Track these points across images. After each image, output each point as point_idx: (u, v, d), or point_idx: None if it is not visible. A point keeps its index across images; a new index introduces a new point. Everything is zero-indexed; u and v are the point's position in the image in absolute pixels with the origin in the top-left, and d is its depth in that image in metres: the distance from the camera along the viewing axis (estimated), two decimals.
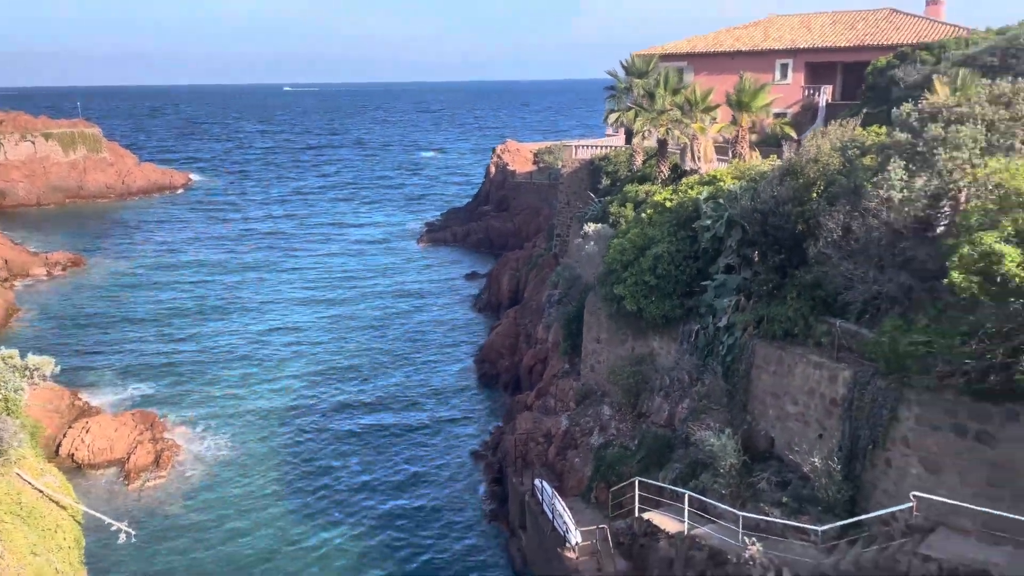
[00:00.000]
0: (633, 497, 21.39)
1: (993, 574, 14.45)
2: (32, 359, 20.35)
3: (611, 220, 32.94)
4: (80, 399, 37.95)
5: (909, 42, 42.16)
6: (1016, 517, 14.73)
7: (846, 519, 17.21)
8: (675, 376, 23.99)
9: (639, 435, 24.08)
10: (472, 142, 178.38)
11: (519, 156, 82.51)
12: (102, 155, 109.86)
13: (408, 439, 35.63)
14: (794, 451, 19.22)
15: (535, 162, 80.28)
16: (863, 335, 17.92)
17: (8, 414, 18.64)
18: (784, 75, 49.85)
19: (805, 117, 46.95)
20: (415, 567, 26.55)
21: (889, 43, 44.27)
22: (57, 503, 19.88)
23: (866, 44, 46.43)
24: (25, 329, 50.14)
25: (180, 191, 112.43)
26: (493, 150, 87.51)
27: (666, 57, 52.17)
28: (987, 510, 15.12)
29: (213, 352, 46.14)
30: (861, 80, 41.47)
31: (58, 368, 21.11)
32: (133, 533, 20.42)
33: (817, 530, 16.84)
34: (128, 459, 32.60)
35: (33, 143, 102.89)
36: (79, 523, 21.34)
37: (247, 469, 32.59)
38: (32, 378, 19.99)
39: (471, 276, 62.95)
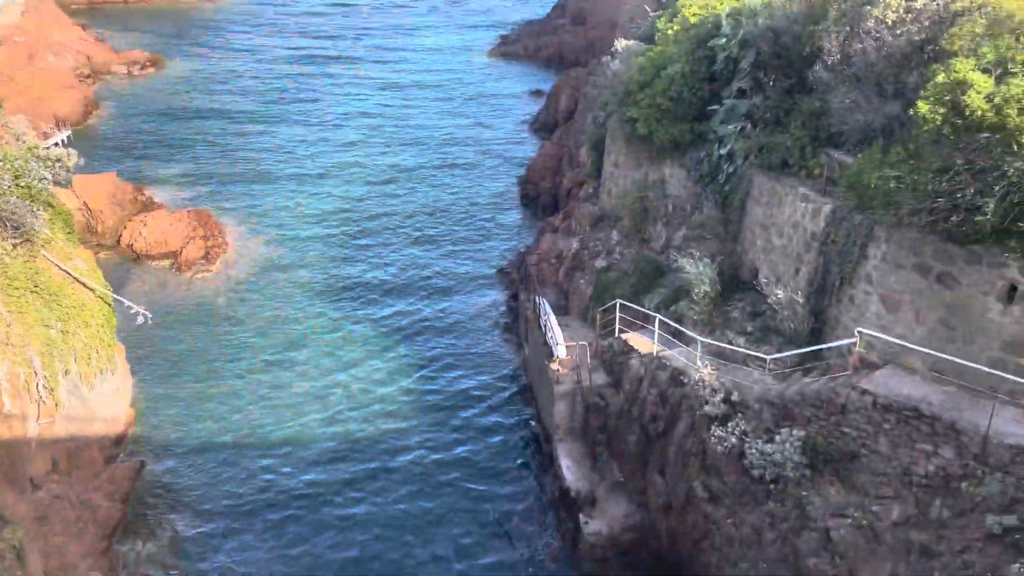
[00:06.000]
0: (616, 318, 21.97)
1: (923, 410, 14.55)
2: (55, 151, 21.71)
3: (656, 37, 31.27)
4: (143, 194, 40.38)
5: None
6: (959, 361, 14.57)
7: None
8: (678, 204, 23.67)
9: (637, 260, 24.25)
10: None
11: None
12: None
13: (440, 252, 36.82)
14: (770, 283, 19.12)
15: None
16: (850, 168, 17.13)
17: (32, 201, 20.26)
18: None
19: None
20: (433, 367, 28.31)
21: None
22: (84, 285, 21.97)
23: None
24: (101, 125, 52.67)
25: None
26: None
27: None
28: (924, 349, 14.99)
29: (275, 156, 47.67)
30: None
31: (81, 160, 22.50)
32: (150, 316, 22.56)
33: (766, 358, 17.10)
34: (180, 252, 35.07)
35: None
36: (109, 304, 23.66)
37: (289, 270, 34.60)
38: (55, 169, 21.42)
39: (536, 93, 61.49)
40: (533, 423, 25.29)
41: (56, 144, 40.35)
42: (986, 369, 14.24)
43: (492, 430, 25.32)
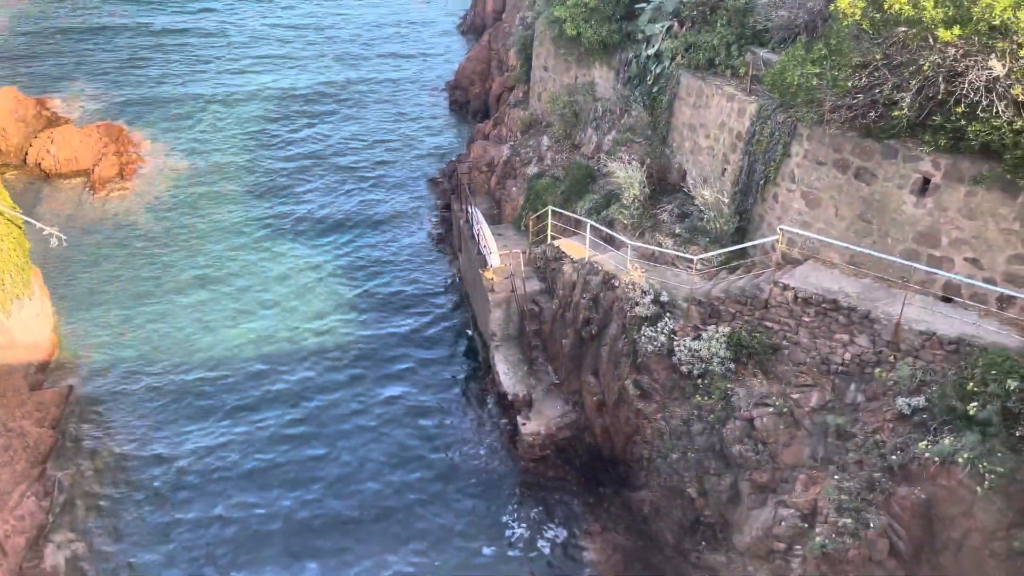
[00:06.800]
0: (548, 225, 22.00)
1: (841, 302, 15.18)
2: None
3: None
4: (48, 109, 38.02)
5: None
6: (875, 253, 15.14)
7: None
8: (608, 107, 23.50)
9: (568, 166, 24.15)
10: None
11: None
12: None
13: (371, 166, 35.91)
14: (697, 184, 19.35)
15: None
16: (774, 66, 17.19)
17: None
18: None
19: None
20: (366, 281, 28.03)
21: None
22: None
23: None
24: None
25: None
26: None
27: None
28: (842, 243, 15.53)
29: (191, 70, 45.14)
30: None
31: None
32: (64, 238, 21.60)
33: (692, 258, 17.46)
34: (93, 170, 33.42)
35: None
36: (19, 227, 22.55)
37: (211, 189, 33.31)
38: None
39: None
40: (470, 332, 25.51)
41: None
42: (900, 260, 14.86)
43: (428, 341, 25.44)
